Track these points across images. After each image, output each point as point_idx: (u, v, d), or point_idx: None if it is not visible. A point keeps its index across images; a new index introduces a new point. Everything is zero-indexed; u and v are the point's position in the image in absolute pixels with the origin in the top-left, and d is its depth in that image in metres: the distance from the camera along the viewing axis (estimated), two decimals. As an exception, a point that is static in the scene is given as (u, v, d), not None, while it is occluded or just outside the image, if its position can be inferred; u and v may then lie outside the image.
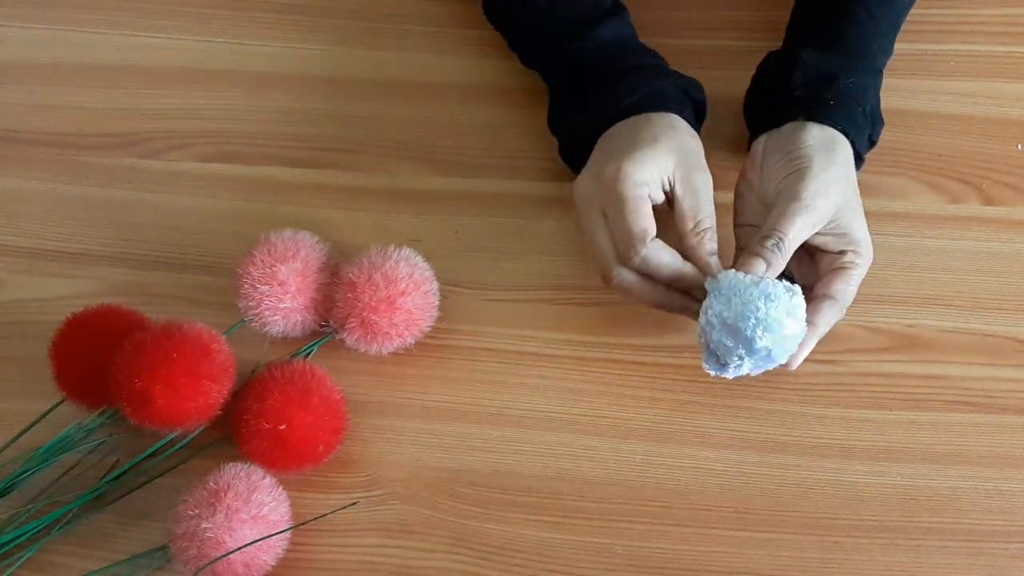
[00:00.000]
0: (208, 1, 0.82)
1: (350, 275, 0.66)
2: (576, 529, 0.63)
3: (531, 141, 0.74)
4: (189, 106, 0.78)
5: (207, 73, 0.79)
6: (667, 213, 0.64)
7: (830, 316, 0.63)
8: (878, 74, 0.70)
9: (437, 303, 0.68)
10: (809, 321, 0.61)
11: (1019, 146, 0.74)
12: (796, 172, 0.63)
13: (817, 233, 0.63)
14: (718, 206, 0.64)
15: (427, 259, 0.68)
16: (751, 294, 0.59)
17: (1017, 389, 0.66)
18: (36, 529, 0.63)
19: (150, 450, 0.65)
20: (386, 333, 0.66)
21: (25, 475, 0.63)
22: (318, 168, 0.75)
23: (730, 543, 0.63)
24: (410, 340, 0.67)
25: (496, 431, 0.66)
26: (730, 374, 0.62)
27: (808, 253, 0.65)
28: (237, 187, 0.75)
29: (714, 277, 0.61)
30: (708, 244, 0.62)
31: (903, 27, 0.73)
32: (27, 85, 0.80)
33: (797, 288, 0.61)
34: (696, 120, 0.69)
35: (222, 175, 0.75)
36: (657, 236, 0.62)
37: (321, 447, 0.64)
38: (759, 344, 0.59)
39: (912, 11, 0.73)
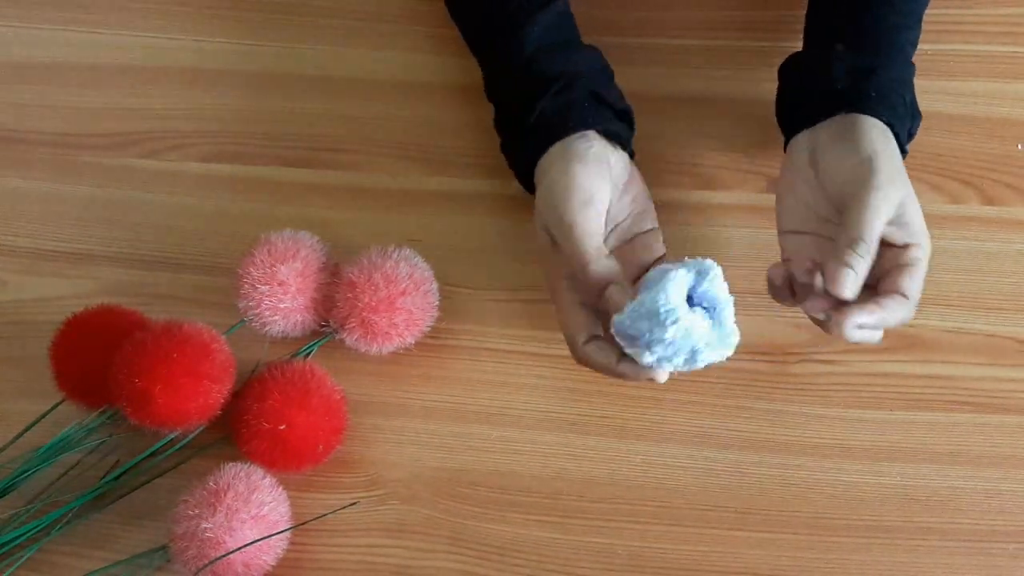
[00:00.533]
0: (208, 1, 0.82)
1: (350, 275, 0.66)
2: (576, 529, 0.63)
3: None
4: (189, 106, 0.78)
5: (207, 73, 0.79)
6: None
7: (901, 313, 0.60)
8: (911, 66, 0.69)
9: (437, 303, 0.68)
10: (881, 305, 0.59)
11: (1019, 146, 0.74)
12: (867, 163, 0.61)
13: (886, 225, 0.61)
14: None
15: (427, 259, 0.68)
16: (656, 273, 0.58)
17: (1017, 389, 0.66)
18: (36, 529, 0.63)
19: (150, 450, 0.65)
20: (386, 333, 0.66)
21: (25, 475, 0.63)
22: (318, 168, 0.75)
23: (730, 543, 0.63)
24: (410, 340, 0.67)
25: (496, 431, 0.66)
26: (650, 355, 0.58)
27: None
28: (237, 187, 0.75)
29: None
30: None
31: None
32: (27, 85, 0.80)
33: (707, 261, 0.58)
34: (596, 110, 0.67)
35: (222, 175, 0.75)
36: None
37: (321, 447, 0.64)
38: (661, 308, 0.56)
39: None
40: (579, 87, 0.66)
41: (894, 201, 0.60)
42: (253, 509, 0.60)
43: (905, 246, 0.61)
